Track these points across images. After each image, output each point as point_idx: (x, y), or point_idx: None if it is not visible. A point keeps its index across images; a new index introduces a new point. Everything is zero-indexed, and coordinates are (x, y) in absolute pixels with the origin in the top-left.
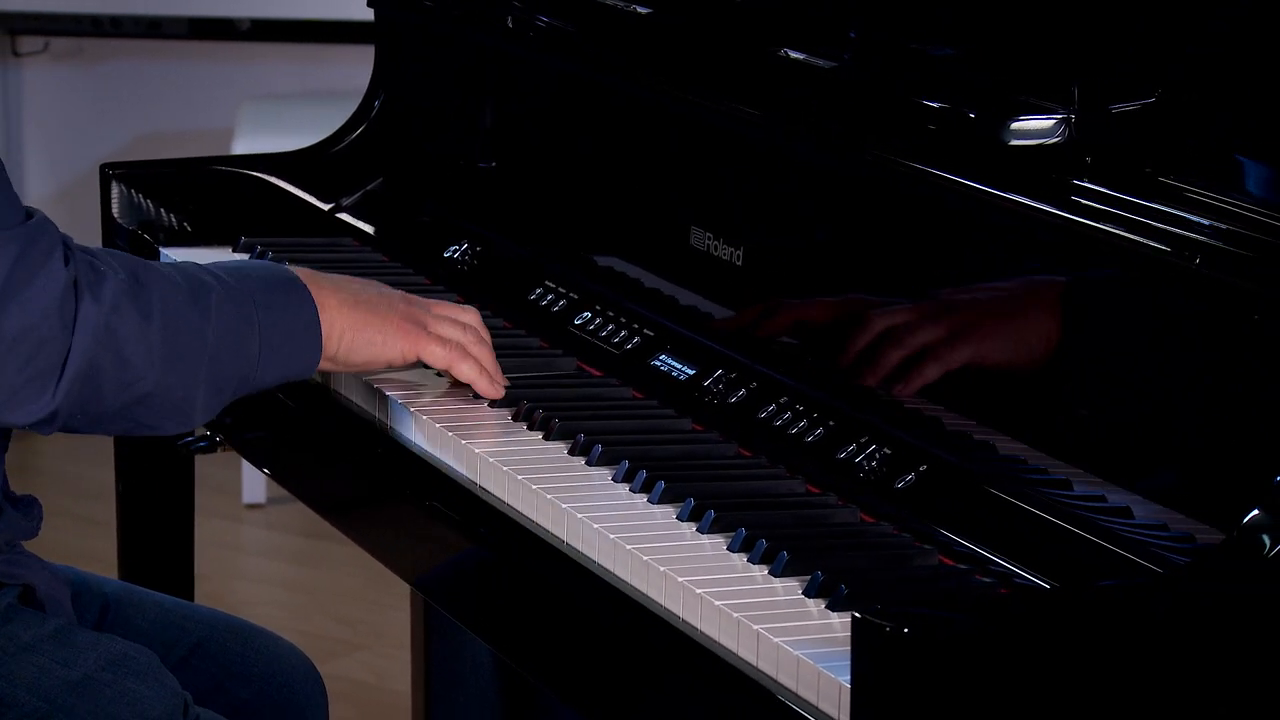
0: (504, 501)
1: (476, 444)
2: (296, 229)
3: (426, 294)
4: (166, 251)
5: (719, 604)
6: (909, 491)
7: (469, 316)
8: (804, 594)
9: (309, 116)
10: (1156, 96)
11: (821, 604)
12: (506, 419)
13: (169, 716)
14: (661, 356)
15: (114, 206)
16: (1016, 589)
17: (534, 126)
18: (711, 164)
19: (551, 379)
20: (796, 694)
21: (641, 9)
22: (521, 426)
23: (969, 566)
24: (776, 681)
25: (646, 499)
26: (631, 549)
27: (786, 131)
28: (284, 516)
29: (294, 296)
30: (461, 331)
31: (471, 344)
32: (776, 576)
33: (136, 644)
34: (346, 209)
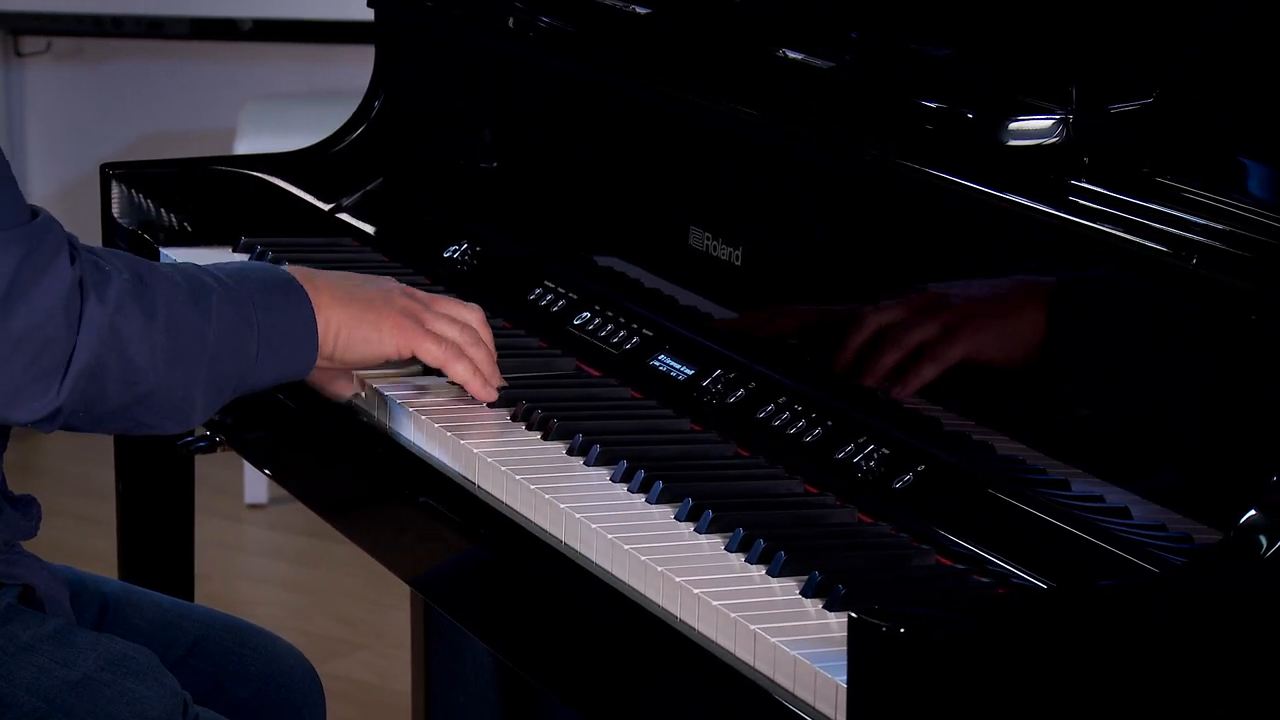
0: (502, 501)
1: (475, 444)
2: (297, 229)
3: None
4: (166, 251)
5: (716, 604)
6: (907, 491)
7: (471, 315)
8: (801, 594)
9: (311, 116)
10: (1154, 97)
11: (819, 604)
12: (505, 419)
13: (168, 716)
14: (660, 356)
15: (114, 206)
16: (1014, 589)
17: (534, 126)
18: (710, 164)
19: (550, 379)
20: (793, 694)
21: (640, 9)
22: (520, 426)
23: (967, 566)
24: (773, 681)
25: (645, 499)
26: (629, 549)
27: (785, 132)
28: (285, 516)
29: (292, 298)
30: (459, 331)
31: (469, 344)
32: (774, 576)
33: (136, 644)
34: (347, 209)
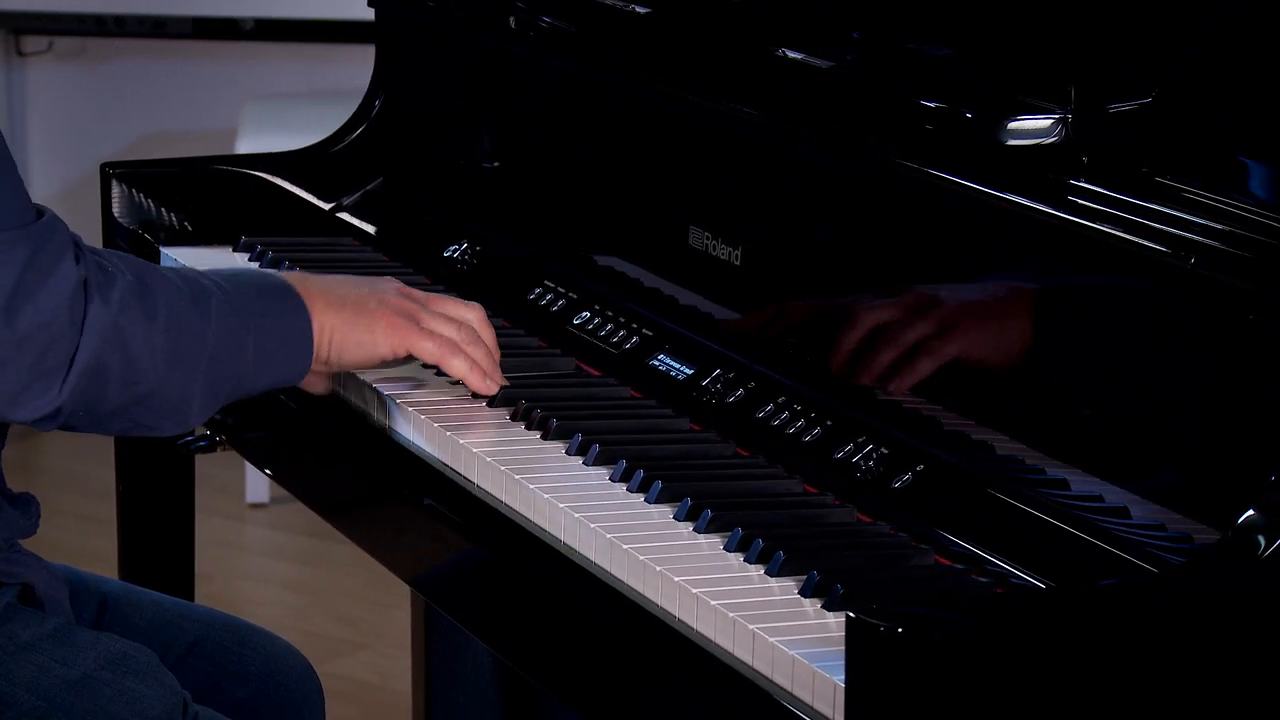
0: (501, 500)
1: (474, 443)
2: (297, 229)
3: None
4: (167, 251)
5: (715, 604)
6: (906, 491)
7: (470, 313)
8: (800, 594)
9: (313, 116)
10: (1153, 96)
11: (817, 603)
12: (504, 418)
13: (168, 715)
14: (660, 356)
15: (114, 206)
16: (1012, 589)
17: (534, 126)
18: (710, 164)
19: (550, 378)
20: (792, 694)
21: (640, 9)
22: (519, 426)
23: (965, 566)
24: (772, 681)
25: (644, 498)
26: (628, 548)
27: (784, 131)
28: (287, 516)
29: (287, 304)
30: (456, 329)
31: (466, 342)
32: (773, 576)
33: (135, 643)
34: (347, 209)
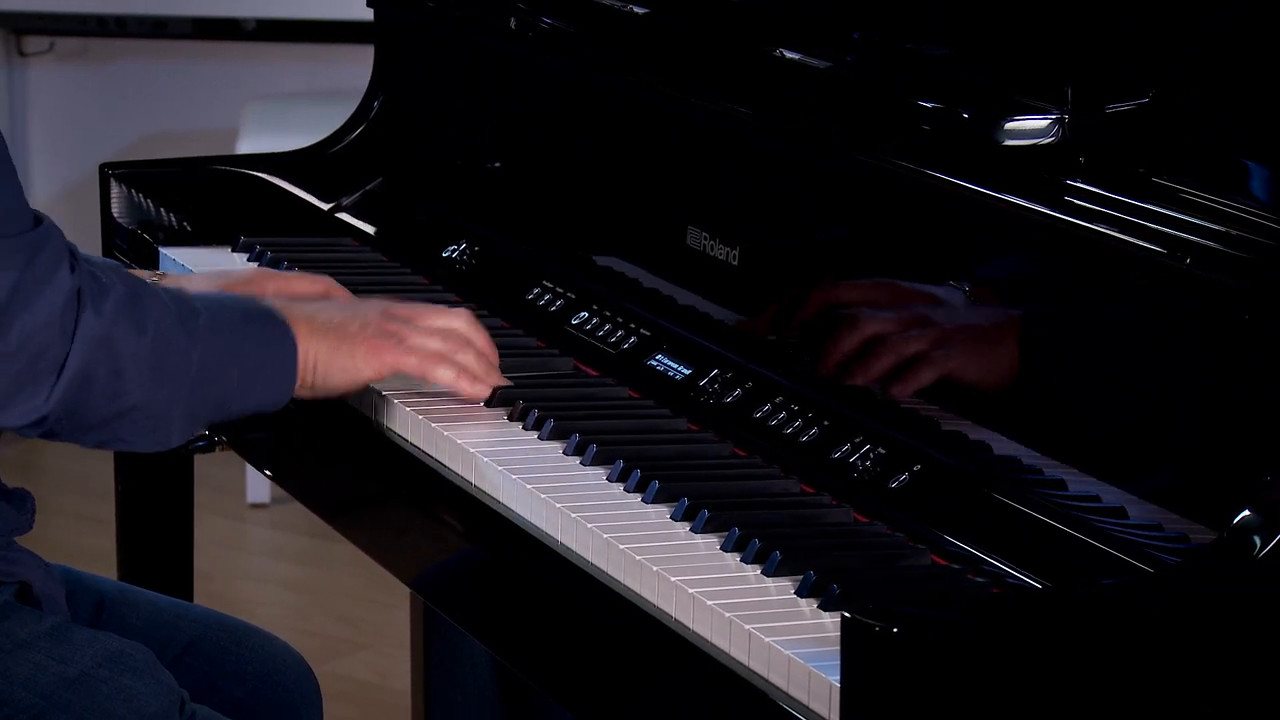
0: (499, 501)
1: (472, 443)
2: (296, 229)
3: (425, 293)
4: (166, 251)
5: (711, 604)
6: (902, 491)
7: (455, 320)
8: (796, 594)
9: (314, 116)
10: (1150, 97)
11: (814, 603)
12: (502, 418)
13: (165, 713)
14: (658, 356)
15: (114, 206)
16: (1008, 589)
17: (532, 127)
18: (707, 164)
19: (548, 378)
20: (788, 693)
21: (637, 9)
22: (517, 426)
23: (962, 566)
24: (768, 681)
25: (641, 498)
26: (625, 549)
27: (782, 132)
28: (288, 516)
29: (273, 330)
30: (441, 340)
31: (454, 350)
32: (769, 576)
33: (133, 641)
34: (346, 209)
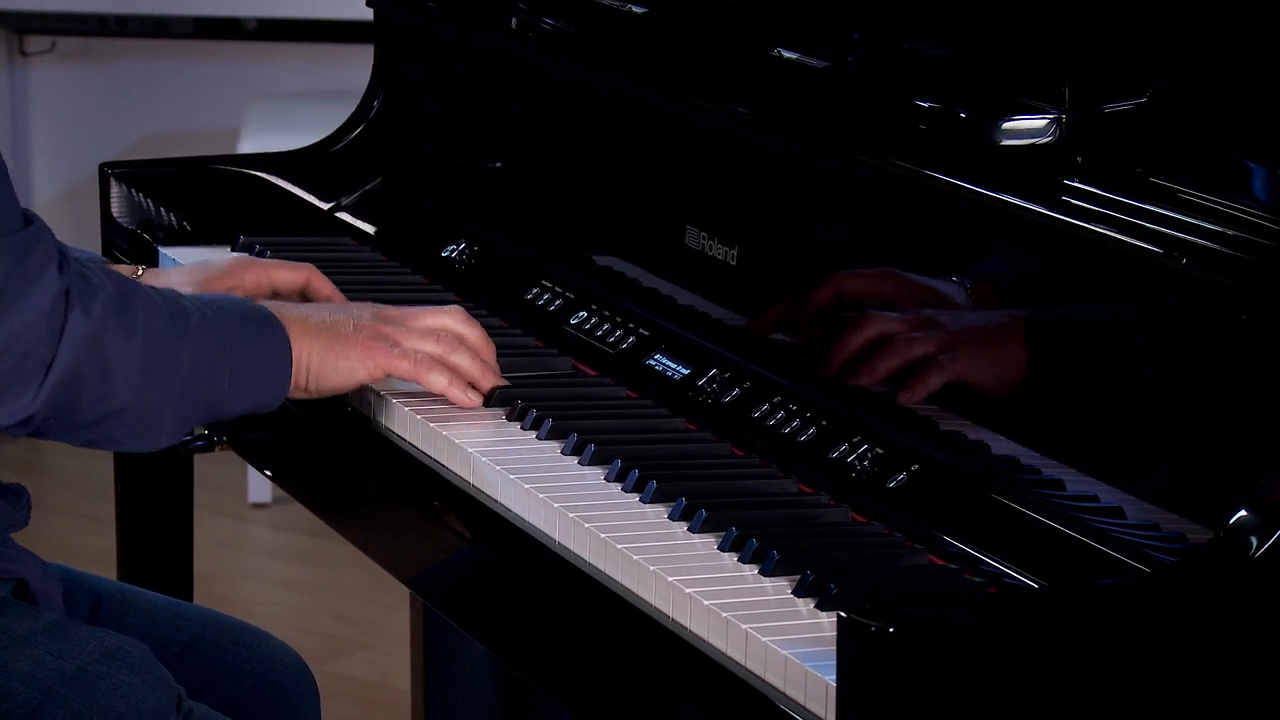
0: (496, 500)
1: (470, 443)
2: (296, 228)
3: (425, 293)
4: (165, 251)
5: (708, 603)
6: (900, 491)
7: (447, 319)
8: (793, 593)
9: (316, 116)
10: (1148, 96)
11: (811, 603)
12: (500, 418)
13: (163, 709)
14: (656, 356)
15: (113, 205)
16: (1005, 589)
17: (531, 127)
18: (706, 164)
19: (546, 378)
20: (784, 693)
21: (636, 9)
22: (515, 425)
23: (959, 566)
24: (765, 681)
25: (639, 498)
26: (622, 548)
27: (779, 132)
28: (289, 515)
29: (268, 330)
30: (434, 342)
31: (448, 352)
32: (766, 576)
33: (130, 638)
34: (346, 208)
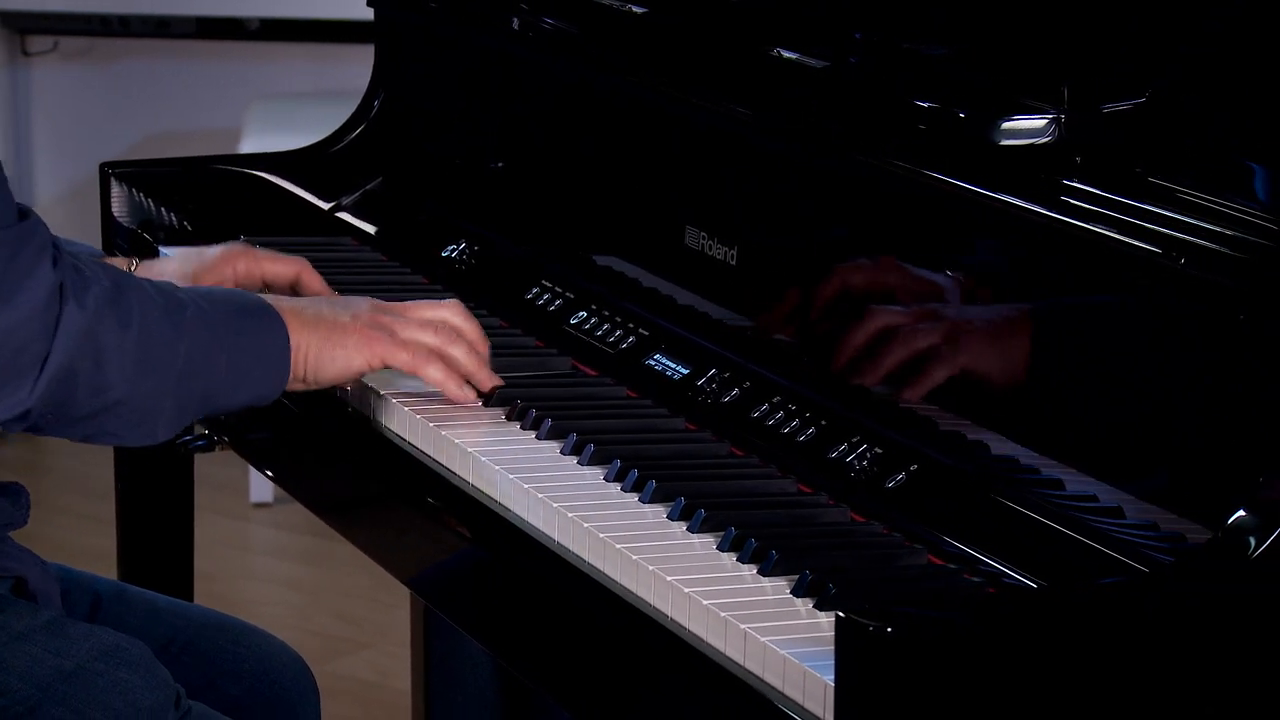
0: (495, 500)
1: (469, 443)
2: (296, 228)
3: (425, 293)
4: (166, 250)
5: (706, 603)
6: (899, 491)
7: (445, 311)
8: (792, 593)
9: (318, 116)
10: (1147, 96)
11: (809, 603)
12: (500, 418)
13: (161, 707)
14: (656, 356)
15: (114, 205)
16: (1003, 588)
17: (531, 127)
18: (706, 164)
19: (546, 378)
20: (783, 693)
21: (637, 9)
22: (515, 425)
23: (958, 566)
24: (763, 680)
25: (638, 498)
26: (621, 548)
27: (778, 131)
28: (291, 515)
29: (265, 322)
30: (433, 333)
31: (446, 343)
32: (765, 575)
33: (129, 636)
34: (346, 208)
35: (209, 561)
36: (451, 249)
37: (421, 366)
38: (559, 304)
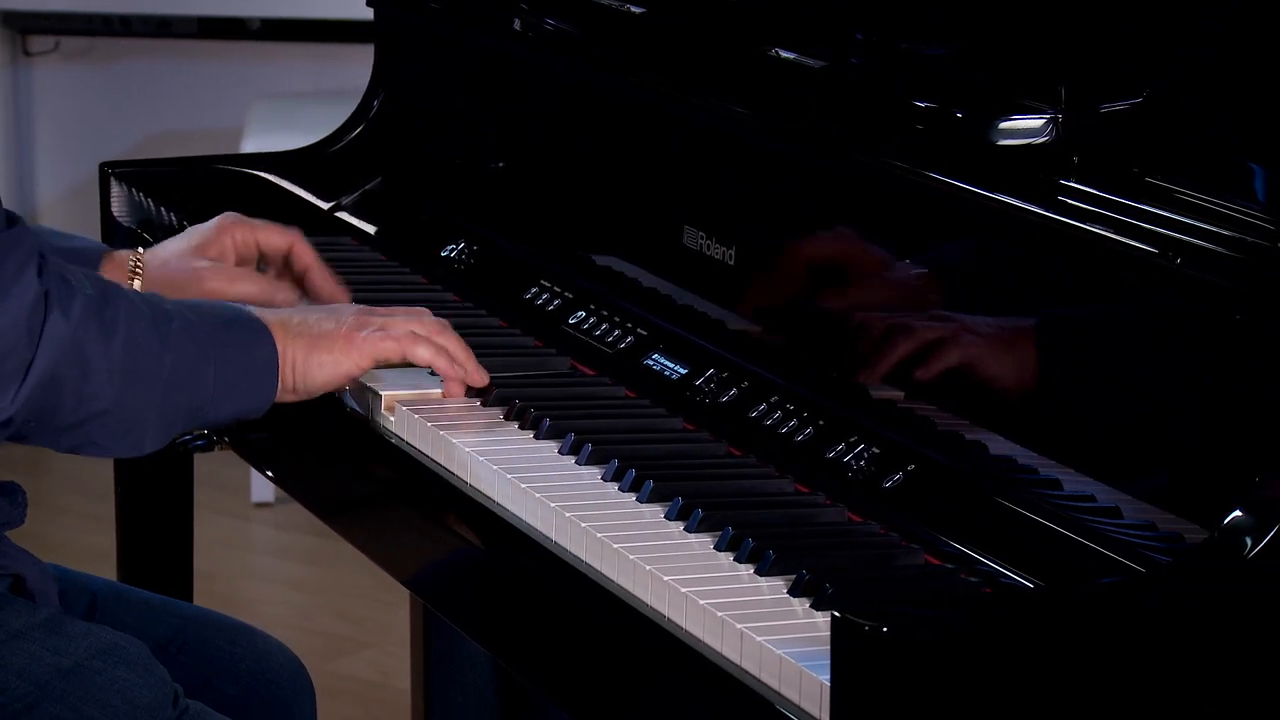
0: (493, 500)
1: (467, 442)
2: (296, 227)
3: (424, 293)
4: None
5: (703, 602)
6: (897, 491)
7: (427, 315)
8: (789, 593)
9: (319, 116)
10: (1144, 97)
11: (806, 603)
12: (498, 417)
13: (159, 705)
14: (654, 356)
15: (114, 205)
16: (1000, 588)
17: (531, 127)
18: (704, 163)
19: (544, 378)
20: (779, 693)
21: (636, 9)
22: (513, 425)
23: (955, 566)
24: (759, 680)
25: (635, 498)
26: (618, 548)
27: (776, 131)
28: (292, 515)
29: (253, 334)
30: (419, 323)
31: (435, 334)
32: (762, 575)
33: (127, 635)
34: (346, 208)
35: (210, 561)
36: (451, 249)
37: (409, 349)
38: (558, 304)
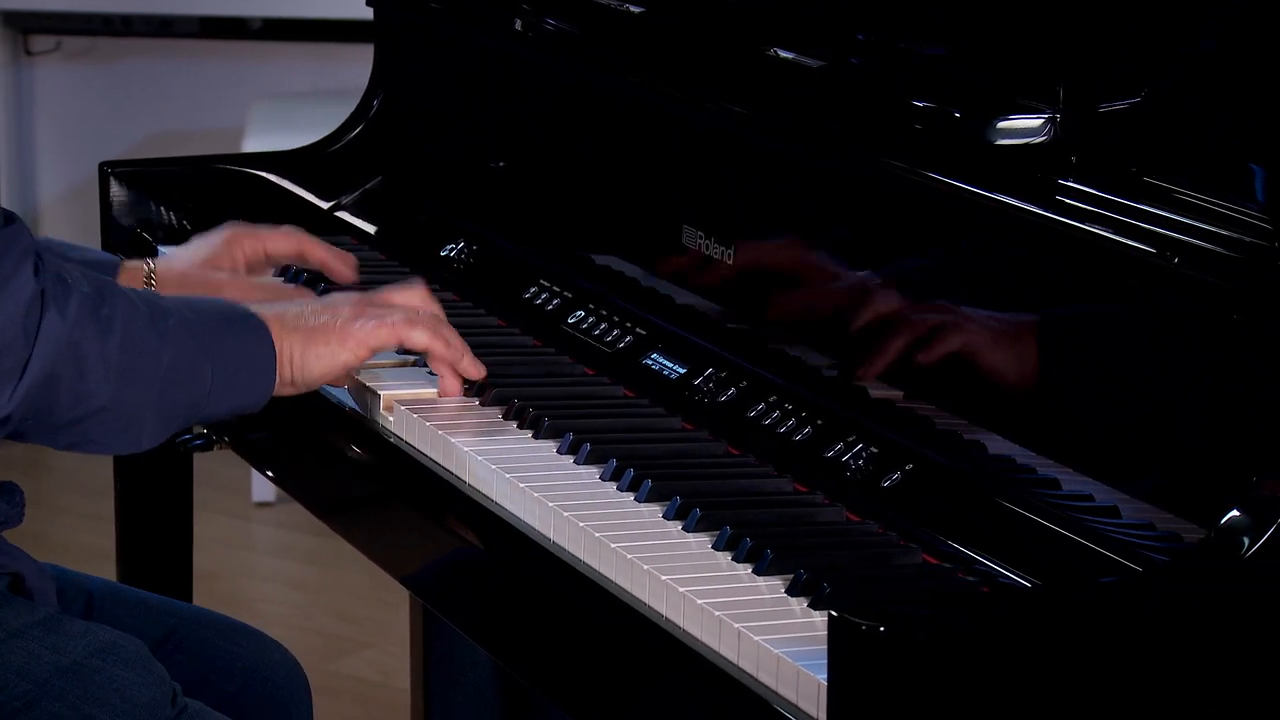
0: (492, 500)
1: (465, 442)
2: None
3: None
4: (165, 249)
5: (701, 602)
6: (895, 490)
7: (417, 296)
8: (787, 592)
9: (320, 116)
10: (1143, 96)
11: (804, 602)
12: (497, 417)
13: (157, 703)
14: (653, 355)
15: (114, 205)
16: (997, 588)
17: (531, 127)
18: (703, 163)
19: (543, 377)
20: (776, 692)
21: (636, 9)
22: (512, 425)
23: (953, 565)
24: (757, 679)
25: (633, 497)
26: (616, 547)
27: (775, 131)
28: (293, 514)
29: (249, 331)
30: (416, 302)
31: (427, 320)
32: (760, 575)
33: (125, 634)
34: (346, 207)
35: (211, 560)
36: (450, 248)
37: (404, 333)
38: (557, 303)
